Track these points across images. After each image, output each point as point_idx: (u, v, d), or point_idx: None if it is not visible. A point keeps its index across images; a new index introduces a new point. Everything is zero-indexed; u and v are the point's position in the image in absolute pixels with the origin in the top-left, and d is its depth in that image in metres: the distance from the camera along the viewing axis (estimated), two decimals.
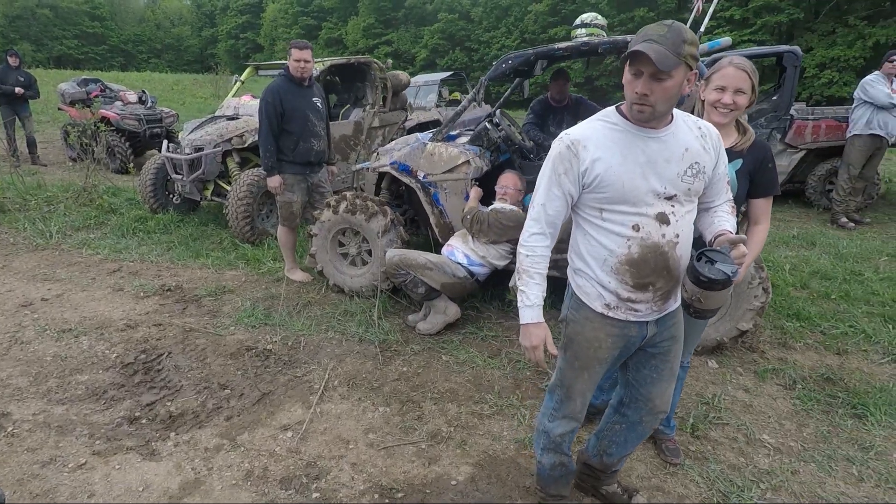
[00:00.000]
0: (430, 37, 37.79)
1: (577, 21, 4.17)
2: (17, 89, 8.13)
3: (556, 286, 2.56)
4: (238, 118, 5.62)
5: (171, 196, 5.81)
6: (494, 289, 4.00)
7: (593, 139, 1.60)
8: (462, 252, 3.53)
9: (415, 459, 2.39)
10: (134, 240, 5.20)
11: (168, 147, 5.45)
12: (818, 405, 2.84)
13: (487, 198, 3.72)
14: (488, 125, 3.78)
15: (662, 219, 1.58)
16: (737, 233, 1.73)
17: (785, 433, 2.63)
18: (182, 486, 2.17)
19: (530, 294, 1.73)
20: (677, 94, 1.50)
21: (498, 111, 3.87)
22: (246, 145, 5.33)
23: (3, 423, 2.53)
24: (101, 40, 48.46)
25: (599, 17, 4.17)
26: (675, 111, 1.62)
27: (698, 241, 1.74)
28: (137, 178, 6.39)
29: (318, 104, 4.16)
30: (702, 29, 3.96)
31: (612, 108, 1.65)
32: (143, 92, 8.97)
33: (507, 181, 3.64)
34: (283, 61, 6.30)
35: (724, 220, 1.71)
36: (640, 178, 1.57)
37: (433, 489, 2.21)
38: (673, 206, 1.59)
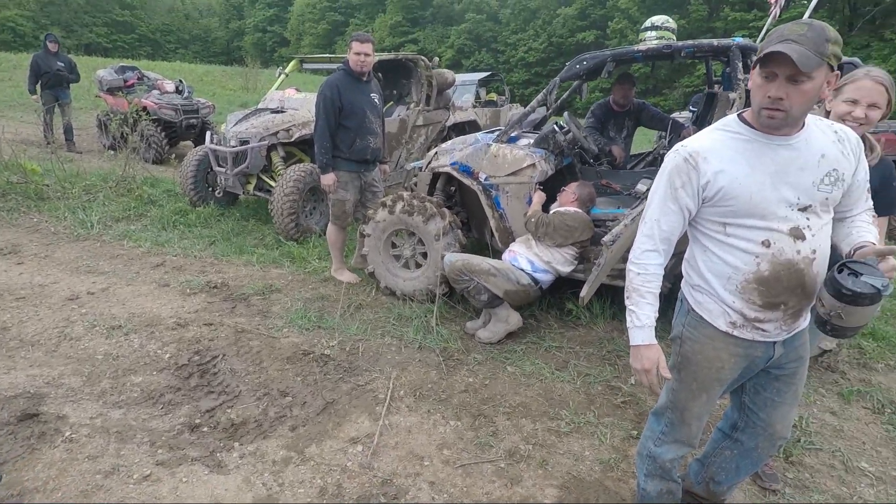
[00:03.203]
0: (457, 37, 37.74)
1: (647, 23, 4.00)
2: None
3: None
4: (283, 112, 5.50)
5: (211, 189, 5.71)
6: (552, 297, 3.83)
7: (714, 150, 1.48)
8: (526, 258, 3.36)
9: (495, 479, 2.23)
10: (175, 233, 5.10)
11: (212, 139, 5.35)
12: None
13: (548, 203, 3.56)
14: (556, 128, 3.61)
15: (797, 234, 1.44)
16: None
17: (884, 461, 2.47)
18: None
19: (641, 314, 1.60)
20: (815, 97, 1.36)
21: (566, 114, 3.70)
22: (292, 140, 5.21)
23: (60, 426, 2.41)
24: (130, 29, 49.00)
25: (670, 20, 3.98)
26: (809, 116, 1.47)
27: (833, 255, 1.57)
28: (176, 169, 6.32)
29: (376, 100, 4.02)
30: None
31: (733, 116, 1.53)
32: (181, 81, 8.89)
33: (568, 187, 3.49)
34: (329, 55, 6.20)
35: (864, 230, 1.54)
36: (769, 189, 1.43)
37: None
38: (808, 218, 1.45)
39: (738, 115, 1.52)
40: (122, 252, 4.62)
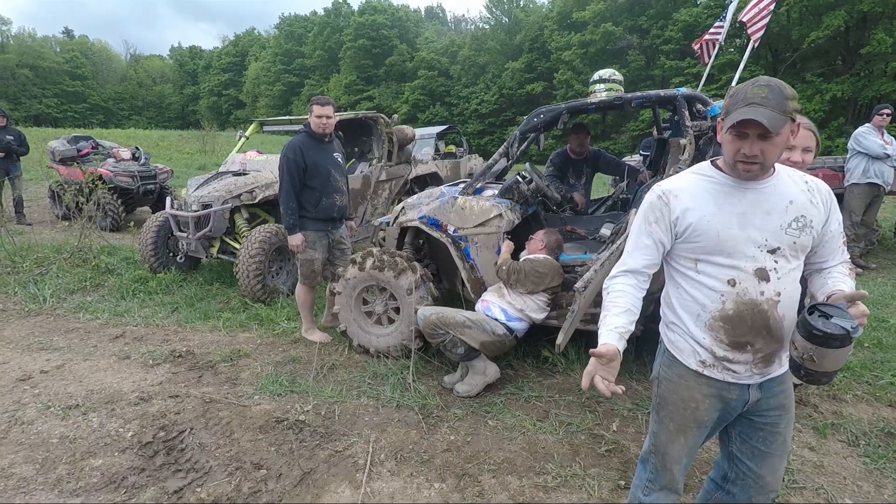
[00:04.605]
0: (411, 92, 38.90)
1: (595, 77, 4.21)
2: None
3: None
4: (246, 174, 5.48)
5: (172, 254, 5.57)
6: (527, 345, 3.83)
7: (686, 190, 1.59)
8: (499, 307, 3.37)
9: None
10: (135, 302, 4.91)
11: (172, 204, 5.27)
12: (889, 463, 2.70)
13: (516, 252, 3.62)
14: (519, 178, 3.72)
15: (762, 275, 1.51)
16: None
17: (865, 496, 2.48)
18: None
19: (607, 321, 1.62)
20: (784, 147, 1.50)
21: (528, 164, 3.83)
22: (256, 201, 5.18)
23: None
24: (82, 98, 48.59)
25: (616, 73, 4.21)
26: (779, 166, 1.59)
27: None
28: (135, 236, 6.16)
29: (339, 159, 4.07)
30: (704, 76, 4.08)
31: (707, 162, 1.64)
32: (137, 148, 8.81)
33: (536, 235, 3.57)
34: (288, 117, 6.30)
35: (839, 280, 1.58)
36: (736, 228, 1.52)
37: None
38: (777, 261, 1.52)
39: (712, 161, 1.63)
40: (78, 325, 4.40)
